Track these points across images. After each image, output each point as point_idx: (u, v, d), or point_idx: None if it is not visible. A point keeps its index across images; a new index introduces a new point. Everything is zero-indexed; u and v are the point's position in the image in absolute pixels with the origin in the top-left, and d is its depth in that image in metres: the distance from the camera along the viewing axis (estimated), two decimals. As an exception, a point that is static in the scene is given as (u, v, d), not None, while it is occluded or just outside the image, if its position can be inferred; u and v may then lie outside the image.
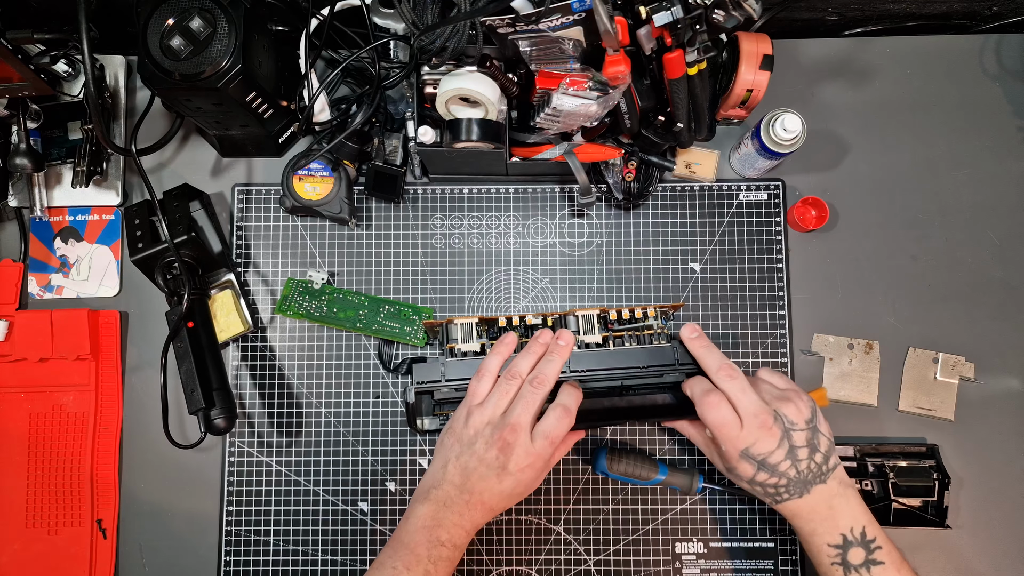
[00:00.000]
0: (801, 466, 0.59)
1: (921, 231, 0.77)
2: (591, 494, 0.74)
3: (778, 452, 0.59)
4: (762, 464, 0.60)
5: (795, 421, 0.60)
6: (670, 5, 0.54)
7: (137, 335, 0.77)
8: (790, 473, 0.59)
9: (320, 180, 0.73)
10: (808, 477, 0.60)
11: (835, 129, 0.79)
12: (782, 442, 0.59)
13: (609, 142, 0.72)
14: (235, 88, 0.64)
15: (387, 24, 0.69)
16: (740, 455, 0.60)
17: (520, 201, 0.78)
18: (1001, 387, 0.75)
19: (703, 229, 0.78)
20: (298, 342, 0.77)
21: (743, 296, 0.76)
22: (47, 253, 0.78)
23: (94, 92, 0.62)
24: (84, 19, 0.58)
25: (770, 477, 0.60)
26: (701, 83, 0.63)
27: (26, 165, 0.71)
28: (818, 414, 0.61)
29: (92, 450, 0.75)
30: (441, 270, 0.78)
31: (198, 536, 0.74)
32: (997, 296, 0.76)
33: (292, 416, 0.76)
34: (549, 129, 0.66)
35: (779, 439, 0.59)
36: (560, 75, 0.62)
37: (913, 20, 0.82)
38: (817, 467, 0.60)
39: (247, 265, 0.78)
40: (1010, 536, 0.72)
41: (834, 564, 0.59)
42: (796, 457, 0.59)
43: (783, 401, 0.61)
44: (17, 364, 0.76)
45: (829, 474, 0.60)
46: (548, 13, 0.56)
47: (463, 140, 0.66)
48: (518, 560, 0.73)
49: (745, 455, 0.60)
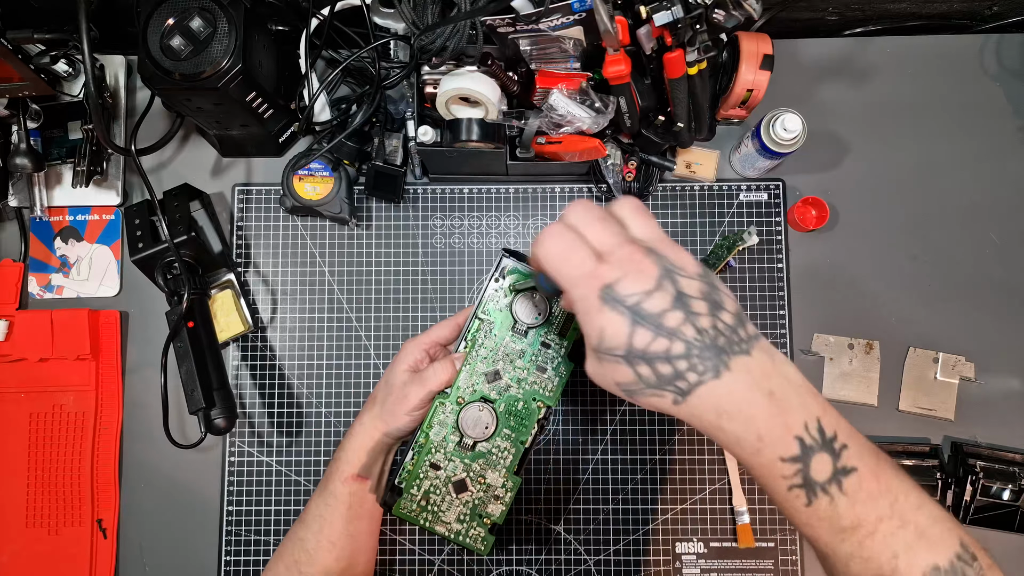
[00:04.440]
0: (702, 323, 0.39)
1: (921, 231, 0.77)
2: (591, 494, 0.74)
3: (659, 295, 0.39)
4: (637, 314, 0.39)
5: (680, 265, 0.41)
6: (670, 5, 0.54)
7: (137, 335, 0.77)
8: (688, 333, 0.39)
9: (320, 180, 0.73)
10: (721, 343, 0.39)
11: (835, 129, 0.79)
12: (662, 283, 0.40)
13: (609, 142, 0.72)
14: (235, 88, 0.64)
15: (387, 24, 0.69)
16: (601, 299, 0.40)
17: (520, 201, 0.78)
18: (1001, 387, 0.75)
19: (703, 229, 0.78)
20: (298, 342, 0.77)
21: (743, 296, 0.76)
22: (47, 253, 0.78)
23: (94, 92, 0.62)
24: (84, 19, 0.58)
25: (657, 339, 0.39)
26: (701, 83, 0.63)
27: (26, 165, 0.71)
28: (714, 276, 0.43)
29: (92, 450, 0.75)
30: (441, 270, 0.78)
31: (198, 536, 0.74)
32: (997, 296, 0.76)
33: (292, 416, 0.76)
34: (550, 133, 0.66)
35: (656, 278, 0.40)
36: (560, 75, 0.62)
37: (913, 20, 0.82)
38: (730, 329, 0.40)
39: (247, 265, 0.78)
40: (1010, 535, 0.72)
41: (793, 488, 0.39)
42: (690, 309, 0.39)
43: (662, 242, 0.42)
44: (17, 364, 0.76)
45: (752, 343, 0.40)
46: (548, 13, 0.56)
47: (463, 140, 0.66)
48: (518, 560, 0.73)
49: (609, 297, 0.39)
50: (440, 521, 0.59)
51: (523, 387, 0.58)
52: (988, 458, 0.71)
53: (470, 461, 0.58)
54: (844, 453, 0.39)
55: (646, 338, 0.39)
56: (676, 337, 0.39)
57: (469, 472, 0.58)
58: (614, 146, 0.72)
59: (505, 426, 0.58)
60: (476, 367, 0.58)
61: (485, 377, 0.58)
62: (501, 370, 0.58)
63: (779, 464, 0.39)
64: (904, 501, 0.39)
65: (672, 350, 0.39)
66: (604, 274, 0.40)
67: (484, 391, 0.58)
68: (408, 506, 0.58)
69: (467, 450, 0.58)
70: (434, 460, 0.58)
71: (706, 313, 0.39)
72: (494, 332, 0.58)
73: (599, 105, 0.63)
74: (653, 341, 0.39)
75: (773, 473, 0.40)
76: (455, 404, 0.58)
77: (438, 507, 0.59)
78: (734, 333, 0.40)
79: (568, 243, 0.42)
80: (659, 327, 0.39)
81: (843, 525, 0.39)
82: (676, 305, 0.39)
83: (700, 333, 0.39)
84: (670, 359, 0.39)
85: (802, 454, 0.39)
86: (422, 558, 0.73)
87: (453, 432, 0.58)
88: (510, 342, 0.58)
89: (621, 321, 0.39)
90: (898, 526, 0.39)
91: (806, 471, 0.39)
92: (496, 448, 0.58)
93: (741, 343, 0.40)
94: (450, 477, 0.58)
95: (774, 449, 0.39)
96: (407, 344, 0.62)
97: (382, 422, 0.60)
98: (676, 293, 0.39)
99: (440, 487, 0.58)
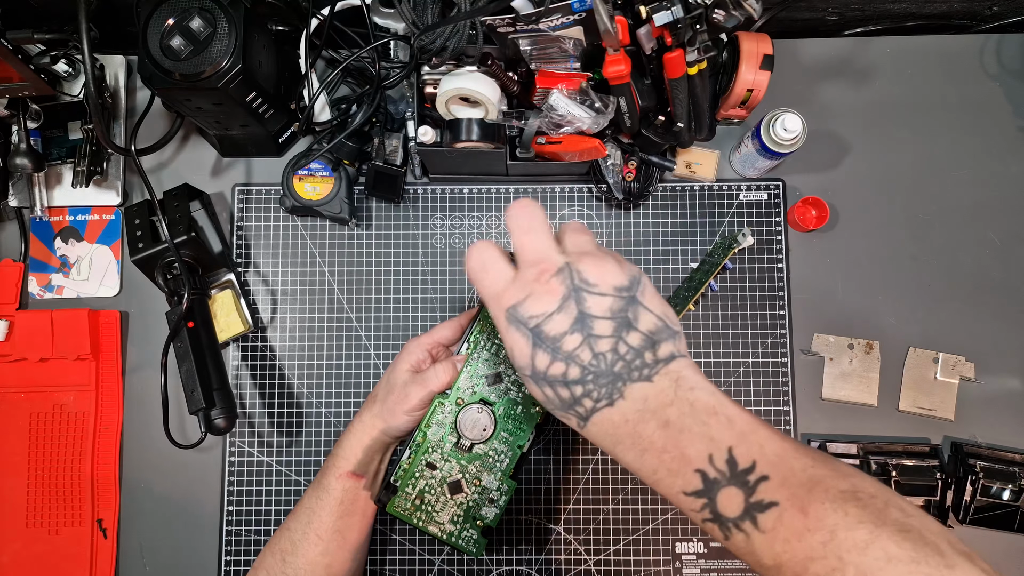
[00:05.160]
0: (601, 346, 0.38)
1: (921, 231, 0.77)
2: (591, 494, 0.74)
3: (559, 318, 0.38)
4: (538, 336, 0.39)
5: (593, 281, 0.39)
6: (670, 5, 0.54)
7: (137, 335, 0.77)
8: (583, 358, 0.38)
9: (320, 180, 0.73)
10: (618, 369, 0.38)
11: (835, 129, 0.79)
12: (566, 304, 0.39)
13: (609, 142, 0.72)
14: (235, 88, 0.64)
15: (387, 24, 0.69)
16: (507, 318, 0.40)
17: (520, 201, 0.78)
18: (1001, 387, 0.75)
19: (703, 229, 0.78)
20: (298, 342, 0.77)
21: (743, 296, 0.76)
22: (47, 253, 0.78)
23: (94, 92, 0.62)
24: (84, 19, 0.58)
25: (554, 363, 0.38)
26: (701, 83, 0.63)
27: (26, 165, 0.71)
28: (645, 285, 0.40)
29: (92, 450, 0.75)
30: (441, 270, 0.78)
31: (198, 536, 0.74)
32: (997, 296, 0.76)
33: (292, 416, 0.76)
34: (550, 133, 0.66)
35: (560, 298, 0.39)
36: (560, 75, 0.62)
37: (913, 20, 0.82)
38: (634, 353, 0.38)
39: (247, 265, 0.78)
40: (1010, 536, 0.72)
41: (706, 522, 0.37)
42: (592, 331, 0.38)
43: (584, 256, 0.40)
44: (17, 364, 0.76)
45: (658, 368, 0.38)
46: (548, 13, 0.56)
47: (463, 140, 0.66)
48: (518, 560, 0.73)
49: (513, 317, 0.39)
50: (433, 521, 0.59)
51: (523, 391, 0.58)
52: (988, 458, 0.71)
53: (466, 462, 0.58)
54: (761, 486, 0.35)
55: (544, 360, 0.39)
56: (572, 361, 0.38)
57: (465, 473, 0.58)
58: (614, 146, 0.72)
59: (503, 429, 0.58)
60: (477, 369, 0.58)
61: (486, 379, 0.58)
62: (502, 373, 0.58)
63: (683, 497, 0.37)
64: (844, 538, 0.33)
65: (568, 374, 0.38)
66: (509, 295, 0.40)
67: (484, 393, 0.58)
68: (402, 504, 0.58)
69: (464, 451, 0.58)
70: (430, 460, 0.58)
71: (608, 335, 0.38)
72: (497, 334, 0.58)
73: (599, 105, 0.63)
74: (551, 364, 0.39)
75: (681, 505, 0.38)
76: (454, 405, 0.58)
77: (432, 507, 0.59)
78: (638, 357, 0.38)
79: (483, 261, 0.42)
80: (556, 350, 0.38)
81: (764, 563, 0.36)
82: (575, 327, 0.38)
83: (596, 357, 0.38)
84: (567, 383, 0.39)
85: (705, 488, 0.36)
86: (421, 558, 0.73)
87: (451, 433, 0.58)
88: None
89: (524, 342, 0.39)
90: (832, 568, 0.33)
91: (712, 506, 0.36)
92: (493, 451, 0.58)
93: (642, 368, 0.38)
94: (445, 478, 0.58)
95: (673, 482, 0.37)
96: (409, 343, 0.62)
97: (381, 420, 0.60)
98: (578, 314, 0.38)
99: (435, 487, 0.58)
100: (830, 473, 0.35)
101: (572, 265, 0.40)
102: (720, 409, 0.38)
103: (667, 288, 0.77)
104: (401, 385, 0.59)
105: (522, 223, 0.41)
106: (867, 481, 0.35)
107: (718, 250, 0.74)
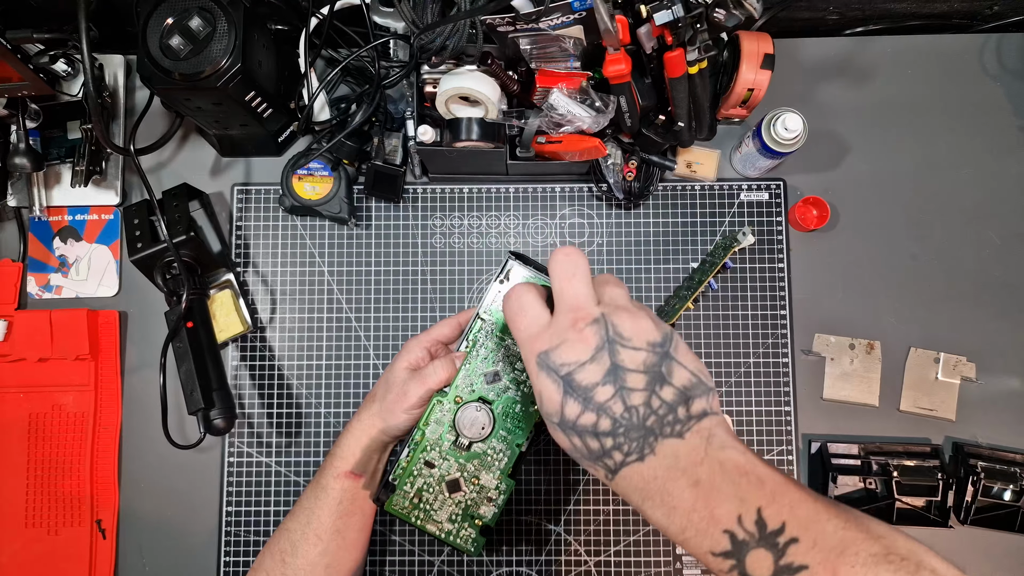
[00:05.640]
0: (634, 400, 0.38)
1: (921, 231, 0.77)
2: (591, 494, 0.74)
3: (592, 368, 0.39)
4: (569, 385, 0.39)
5: (627, 335, 0.39)
6: (671, 4, 0.54)
7: (137, 335, 0.77)
8: (615, 410, 0.38)
9: (320, 180, 0.73)
10: (650, 424, 0.38)
11: (836, 129, 0.79)
12: (599, 355, 0.39)
13: (609, 141, 0.71)
14: (234, 87, 0.63)
15: (387, 23, 0.69)
16: (537, 363, 0.40)
17: (520, 201, 0.78)
18: (1002, 387, 0.75)
19: (704, 229, 0.77)
20: (298, 342, 0.77)
21: (744, 296, 0.76)
22: (46, 253, 0.78)
23: (93, 92, 0.62)
24: (84, 19, 0.58)
25: (584, 413, 0.38)
26: (702, 82, 0.63)
27: (25, 165, 0.71)
28: (677, 342, 0.41)
29: (92, 450, 0.75)
30: (441, 270, 0.77)
31: (198, 536, 0.74)
32: (998, 296, 0.76)
33: (291, 416, 0.76)
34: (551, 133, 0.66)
35: (594, 348, 0.39)
36: (560, 74, 0.62)
37: (913, 20, 0.82)
38: (666, 408, 0.38)
39: (247, 265, 0.78)
40: (1011, 536, 0.72)
41: None
42: (625, 384, 0.38)
43: (620, 310, 0.41)
44: (17, 364, 0.75)
45: (691, 424, 0.38)
46: (548, 12, 0.56)
47: (463, 139, 0.66)
48: (518, 560, 0.73)
49: (544, 363, 0.40)
50: (432, 520, 0.59)
51: (522, 390, 0.58)
52: (989, 458, 0.71)
53: (465, 461, 0.58)
54: (791, 548, 0.35)
55: (575, 410, 0.39)
56: (603, 413, 0.38)
57: (463, 472, 0.58)
58: (614, 145, 0.72)
59: (502, 428, 0.58)
60: (476, 367, 0.58)
61: (484, 377, 0.58)
62: (501, 371, 0.58)
63: (712, 558, 0.36)
64: None
65: (599, 425, 0.38)
66: (543, 340, 0.40)
67: (482, 391, 0.58)
68: (400, 503, 0.58)
69: (462, 450, 0.58)
70: (429, 458, 0.58)
71: (641, 388, 0.38)
72: (496, 333, 0.58)
73: (599, 104, 0.63)
74: (582, 414, 0.38)
75: (710, 566, 0.37)
76: (453, 403, 0.58)
77: (430, 506, 0.58)
78: (671, 412, 0.38)
79: (522, 304, 0.43)
80: (587, 400, 0.38)
81: None
82: (608, 379, 0.38)
83: (628, 410, 0.38)
84: (597, 435, 0.38)
85: (734, 549, 0.36)
86: (421, 559, 0.73)
87: (449, 431, 0.58)
88: (512, 344, 0.58)
89: (554, 389, 0.39)
90: None
91: (741, 568, 0.35)
92: (491, 449, 0.58)
93: (675, 424, 0.38)
94: (444, 476, 0.58)
95: (701, 542, 0.37)
96: (409, 342, 0.62)
97: (380, 419, 0.60)
98: (611, 365, 0.38)
99: (433, 486, 0.58)
100: (862, 535, 0.35)
101: (607, 317, 0.40)
102: (751, 469, 0.37)
103: (667, 288, 0.77)
104: (400, 383, 0.59)
105: (566, 269, 0.42)
106: (900, 541, 0.35)
107: (718, 249, 0.74)
